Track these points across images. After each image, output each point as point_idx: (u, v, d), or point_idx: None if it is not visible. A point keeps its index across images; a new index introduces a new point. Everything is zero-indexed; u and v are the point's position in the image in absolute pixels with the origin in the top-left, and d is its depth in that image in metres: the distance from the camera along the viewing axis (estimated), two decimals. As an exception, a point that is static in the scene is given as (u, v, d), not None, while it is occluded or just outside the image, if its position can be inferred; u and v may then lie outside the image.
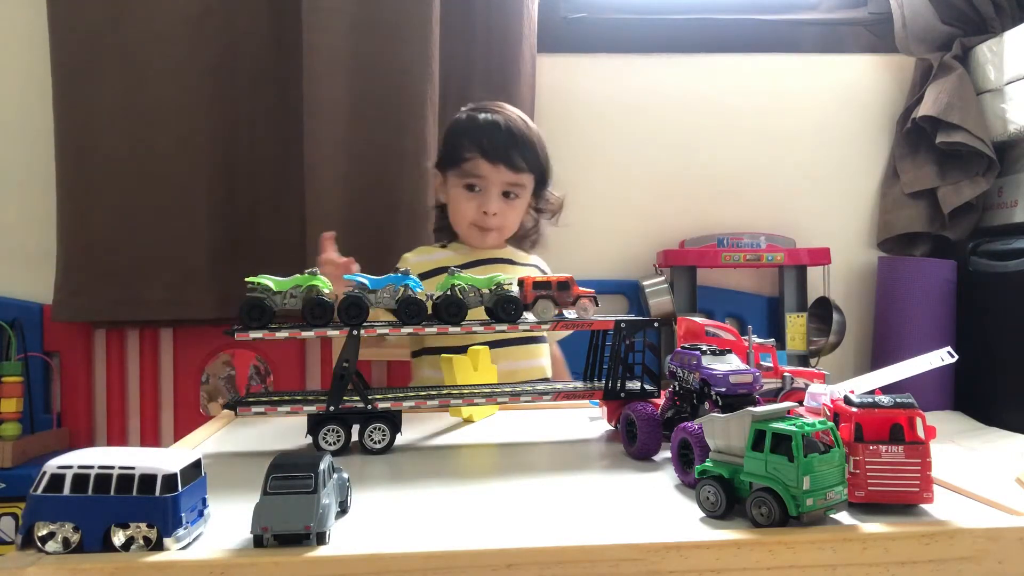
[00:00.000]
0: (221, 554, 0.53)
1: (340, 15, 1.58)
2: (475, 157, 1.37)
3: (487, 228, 1.41)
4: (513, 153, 1.37)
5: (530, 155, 1.40)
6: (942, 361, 0.81)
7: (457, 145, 1.40)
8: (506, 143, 1.37)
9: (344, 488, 0.63)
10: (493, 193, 1.38)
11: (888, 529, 0.58)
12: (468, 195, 1.40)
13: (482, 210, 1.38)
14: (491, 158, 1.36)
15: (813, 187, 1.90)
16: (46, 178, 1.61)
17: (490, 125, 1.39)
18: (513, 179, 1.39)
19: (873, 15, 1.90)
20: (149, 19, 1.59)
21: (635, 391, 0.91)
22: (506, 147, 1.37)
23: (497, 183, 1.38)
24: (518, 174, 1.39)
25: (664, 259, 1.77)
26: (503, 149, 1.37)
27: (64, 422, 1.65)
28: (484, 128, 1.38)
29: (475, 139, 1.38)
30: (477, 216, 1.40)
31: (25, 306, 1.64)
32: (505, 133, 1.38)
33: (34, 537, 0.53)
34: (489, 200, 1.38)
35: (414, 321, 0.85)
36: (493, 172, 1.37)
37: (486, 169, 1.37)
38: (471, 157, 1.37)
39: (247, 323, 0.83)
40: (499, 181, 1.38)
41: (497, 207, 1.39)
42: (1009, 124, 1.67)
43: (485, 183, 1.38)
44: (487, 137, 1.37)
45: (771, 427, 0.59)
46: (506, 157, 1.37)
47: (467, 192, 1.40)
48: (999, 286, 1.64)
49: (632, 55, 1.86)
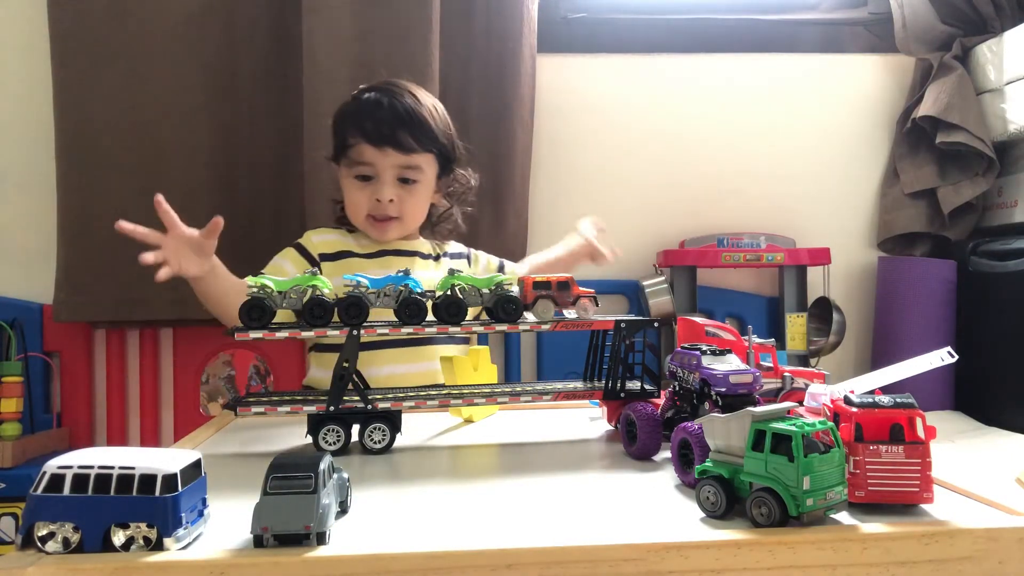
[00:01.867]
0: (221, 554, 0.53)
1: (340, 15, 1.58)
2: (359, 143, 1.25)
3: (385, 218, 1.29)
4: (400, 133, 1.24)
5: (422, 133, 1.26)
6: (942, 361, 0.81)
7: (342, 132, 1.28)
8: (391, 123, 1.24)
9: (344, 488, 0.63)
10: (386, 179, 1.26)
11: (888, 529, 0.58)
12: (359, 185, 1.28)
13: (375, 198, 1.27)
14: (376, 141, 1.24)
15: (813, 187, 1.90)
16: (46, 178, 1.61)
17: (372, 105, 1.26)
18: (405, 161, 1.26)
19: (873, 15, 1.90)
20: (149, 19, 1.60)
21: (635, 391, 0.91)
22: (391, 127, 1.24)
23: (388, 168, 1.25)
24: (409, 155, 1.26)
25: (664, 259, 1.77)
26: (388, 130, 1.24)
27: (64, 422, 1.65)
28: (366, 109, 1.26)
29: (357, 123, 1.25)
30: (371, 206, 1.28)
31: (25, 306, 1.64)
32: (389, 111, 1.24)
33: (34, 537, 0.53)
34: (382, 187, 1.26)
35: (414, 321, 0.85)
36: (380, 157, 1.25)
37: (372, 154, 1.25)
38: (355, 143, 1.25)
39: (247, 323, 0.83)
40: (389, 165, 1.25)
41: (392, 193, 1.26)
42: (1009, 124, 1.67)
43: (375, 170, 1.26)
44: (370, 119, 1.24)
45: (771, 427, 0.59)
46: (392, 138, 1.24)
47: (359, 182, 1.28)
48: (999, 286, 1.64)
49: (632, 55, 1.86)
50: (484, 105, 1.72)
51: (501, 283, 0.88)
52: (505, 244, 1.73)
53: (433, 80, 1.63)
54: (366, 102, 1.27)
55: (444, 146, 1.32)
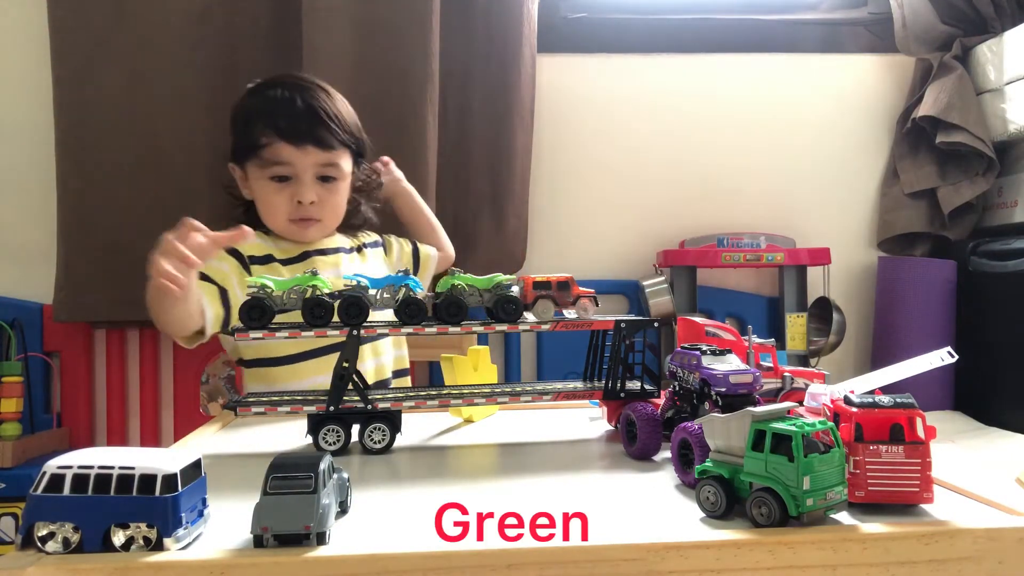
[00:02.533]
0: (221, 554, 0.53)
1: (340, 15, 1.58)
2: (274, 141, 1.18)
3: (307, 219, 1.23)
4: (319, 129, 1.19)
5: (340, 129, 1.21)
6: (942, 361, 0.81)
7: (250, 130, 1.20)
8: (308, 119, 1.19)
9: (344, 488, 0.63)
10: (306, 179, 1.20)
11: (888, 529, 0.58)
12: (277, 187, 1.21)
13: (296, 200, 1.21)
14: (294, 140, 1.18)
15: (813, 187, 1.90)
16: (46, 178, 1.61)
17: (285, 102, 1.19)
18: (325, 159, 1.21)
19: (873, 15, 1.90)
20: (149, 19, 1.60)
21: (635, 391, 0.91)
22: (309, 124, 1.19)
23: (308, 167, 1.20)
24: (329, 152, 1.21)
25: (664, 259, 1.77)
26: (306, 127, 1.18)
27: (64, 422, 1.65)
28: (279, 105, 1.19)
29: (270, 121, 1.18)
30: (292, 209, 1.22)
31: (25, 306, 1.64)
32: (304, 108, 1.19)
33: (34, 537, 0.53)
34: (303, 188, 1.20)
35: (414, 321, 0.85)
36: (300, 156, 1.19)
37: (290, 153, 1.18)
38: (269, 142, 1.18)
39: (247, 323, 0.83)
40: (310, 164, 1.20)
41: (315, 194, 1.21)
42: (1009, 124, 1.67)
43: (294, 170, 1.20)
44: (284, 117, 1.18)
45: (771, 427, 0.59)
46: (312, 135, 1.18)
47: (275, 184, 1.21)
48: (999, 286, 1.64)
49: (632, 55, 1.86)
50: (484, 105, 1.72)
51: (501, 283, 0.88)
52: (505, 244, 1.73)
53: (433, 80, 1.63)
54: (277, 98, 1.21)
55: (358, 141, 1.28)
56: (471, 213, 1.72)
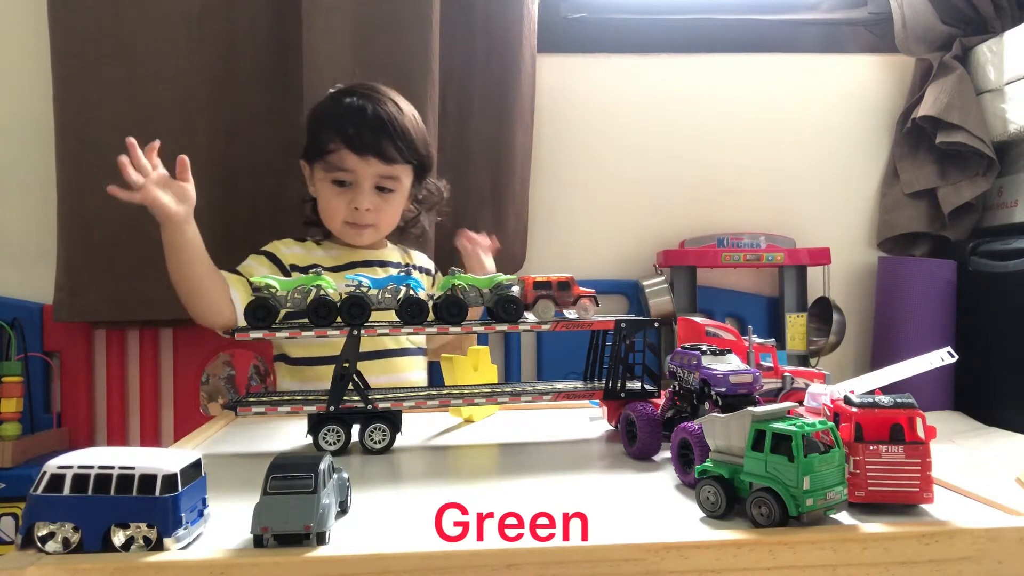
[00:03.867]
0: (221, 554, 0.53)
1: (340, 15, 1.58)
2: (340, 148, 1.23)
3: (361, 225, 1.28)
4: (384, 143, 1.23)
5: (404, 144, 1.25)
6: (942, 361, 0.81)
7: (321, 134, 1.25)
8: (375, 131, 1.22)
9: (344, 488, 0.63)
10: (365, 188, 1.25)
11: (888, 529, 0.58)
12: (337, 191, 1.26)
13: (353, 206, 1.25)
14: (358, 150, 1.22)
15: (813, 187, 1.90)
16: (46, 178, 1.61)
17: (355, 111, 1.23)
18: (386, 171, 1.25)
19: (873, 15, 1.90)
20: (149, 19, 1.59)
21: (635, 391, 0.91)
22: (375, 136, 1.22)
23: (368, 177, 1.25)
24: (391, 166, 1.25)
25: (664, 259, 1.77)
26: (372, 139, 1.22)
27: (64, 422, 1.65)
28: (349, 115, 1.23)
29: (339, 128, 1.22)
30: (349, 213, 1.26)
31: (25, 306, 1.64)
32: (373, 120, 1.22)
33: (34, 537, 0.53)
34: (361, 196, 1.24)
35: (415, 321, 0.85)
36: (362, 165, 1.23)
37: (354, 162, 1.23)
38: (335, 149, 1.23)
39: (253, 323, 0.83)
40: (370, 174, 1.24)
41: (370, 202, 1.25)
42: (1009, 124, 1.67)
43: (355, 177, 1.24)
44: (352, 125, 1.22)
45: (771, 427, 0.59)
46: (376, 148, 1.22)
47: (336, 188, 1.26)
48: (999, 286, 1.64)
49: (632, 55, 1.86)
50: (484, 105, 1.72)
51: (501, 283, 0.88)
52: (505, 244, 1.72)
53: (433, 80, 1.62)
54: (348, 107, 1.25)
55: (423, 157, 1.31)
56: (471, 213, 1.72)
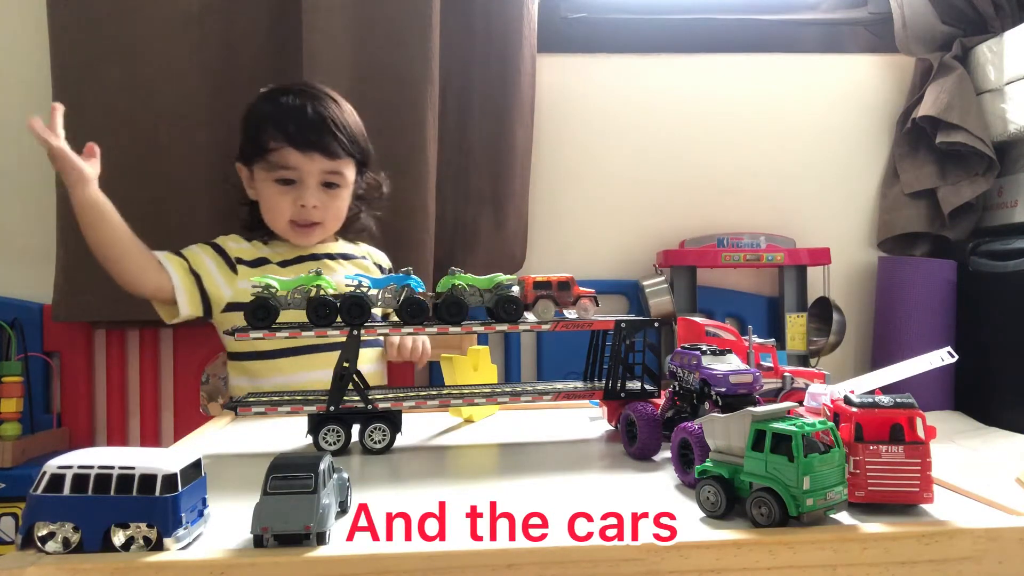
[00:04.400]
0: (221, 554, 0.53)
1: (340, 15, 1.58)
2: (282, 147, 1.23)
3: (309, 223, 1.28)
4: (326, 138, 1.23)
5: (346, 139, 1.26)
6: (942, 361, 0.81)
7: (260, 134, 1.25)
8: (317, 128, 1.23)
9: (344, 488, 0.63)
10: (310, 185, 1.25)
11: (888, 529, 0.58)
12: (281, 189, 1.26)
13: (299, 203, 1.26)
14: (301, 147, 1.22)
15: (813, 187, 1.90)
16: (46, 178, 1.61)
17: (295, 109, 1.24)
18: (330, 167, 1.26)
19: (873, 15, 1.90)
20: (149, 19, 1.59)
21: (635, 391, 0.91)
22: (318, 132, 1.23)
23: (313, 173, 1.25)
24: (335, 161, 1.25)
25: (664, 259, 1.77)
26: (314, 135, 1.23)
27: (64, 422, 1.65)
28: (289, 112, 1.24)
29: (280, 126, 1.23)
30: (295, 212, 1.26)
31: (25, 306, 1.64)
32: (314, 116, 1.23)
33: (34, 537, 0.53)
34: (306, 193, 1.25)
35: (415, 321, 0.85)
36: (306, 162, 1.23)
37: (297, 159, 1.23)
38: (277, 147, 1.23)
39: (253, 323, 0.83)
40: (315, 171, 1.25)
41: (317, 199, 1.26)
42: (1009, 124, 1.67)
43: (299, 174, 1.25)
44: (294, 123, 1.23)
45: (771, 427, 0.59)
46: (319, 144, 1.23)
47: (280, 187, 1.26)
48: (999, 286, 1.64)
49: (632, 55, 1.86)
50: (484, 105, 1.72)
51: (501, 283, 0.88)
52: (505, 244, 1.73)
53: (433, 80, 1.63)
54: (288, 106, 1.25)
55: (363, 151, 1.32)
56: (471, 213, 1.72)
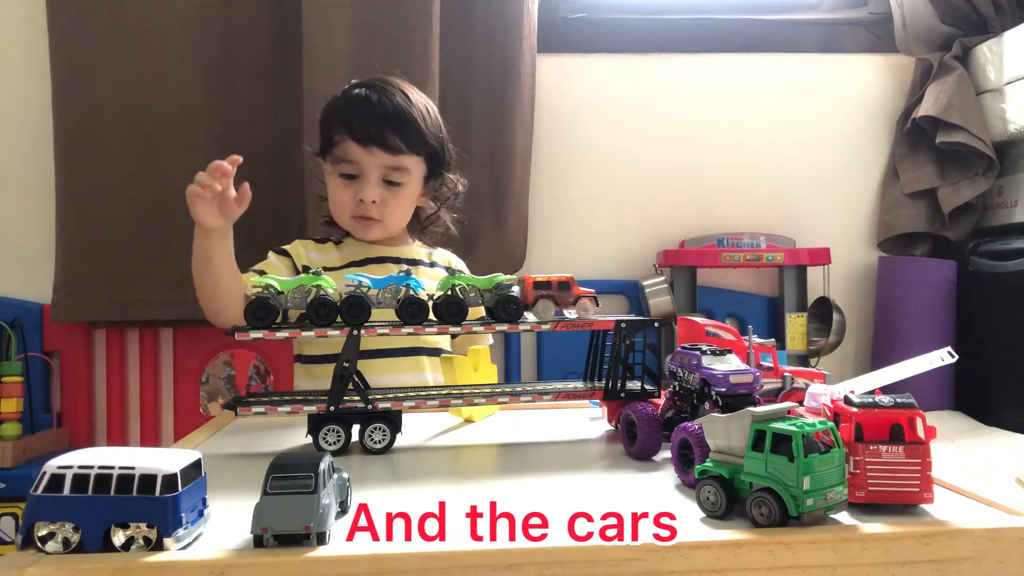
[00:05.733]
0: (221, 554, 0.53)
1: (340, 15, 1.58)
2: (344, 140, 1.22)
3: (367, 218, 1.26)
4: (388, 133, 1.21)
5: (412, 134, 1.23)
6: (942, 361, 0.81)
7: (329, 127, 1.25)
8: (379, 121, 1.21)
9: (344, 488, 0.63)
10: (371, 179, 1.23)
11: (888, 529, 0.58)
12: (344, 183, 1.25)
13: (358, 198, 1.24)
14: (362, 140, 1.21)
15: (813, 187, 1.90)
16: (46, 178, 1.61)
17: (361, 101, 1.23)
18: (392, 162, 1.23)
19: (873, 15, 1.90)
20: (149, 19, 1.60)
21: (635, 391, 0.91)
22: (379, 126, 1.21)
23: (374, 168, 1.23)
24: (396, 156, 1.23)
25: (664, 259, 1.77)
26: (375, 129, 1.21)
27: (64, 422, 1.65)
28: (354, 105, 1.23)
29: (345, 119, 1.22)
30: (355, 206, 1.25)
31: (25, 306, 1.64)
32: (378, 109, 1.21)
33: (34, 537, 0.53)
34: (366, 187, 1.23)
35: (415, 321, 0.85)
36: (366, 156, 1.22)
37: (357, 153, 1.22)
38: (340, 140, 1.23)
39: (253, 323, 0.83)
40: (376, 165, 1.23)
41: (375, 194, 1.23)
42: (1009, 124, 1.67)
43: (359, 168, 1.23)
44: (357, 116, 1.21)
45: (771, 427, 0.59)
46: (379, 138, 1.21)
47: (343, 180, 1.25)
48: (999, 286, 1.64)
49: (632, 55, 1.86)
50: (484, 105, 1.72)
51: (501, 283, 0.88)
52: (505, 244, 1.73)
53: (433, 80, 1.62)
54: (355, 98, 1.24)
55: (434, 148, 1.28)
56: (471, 213, 1.72)
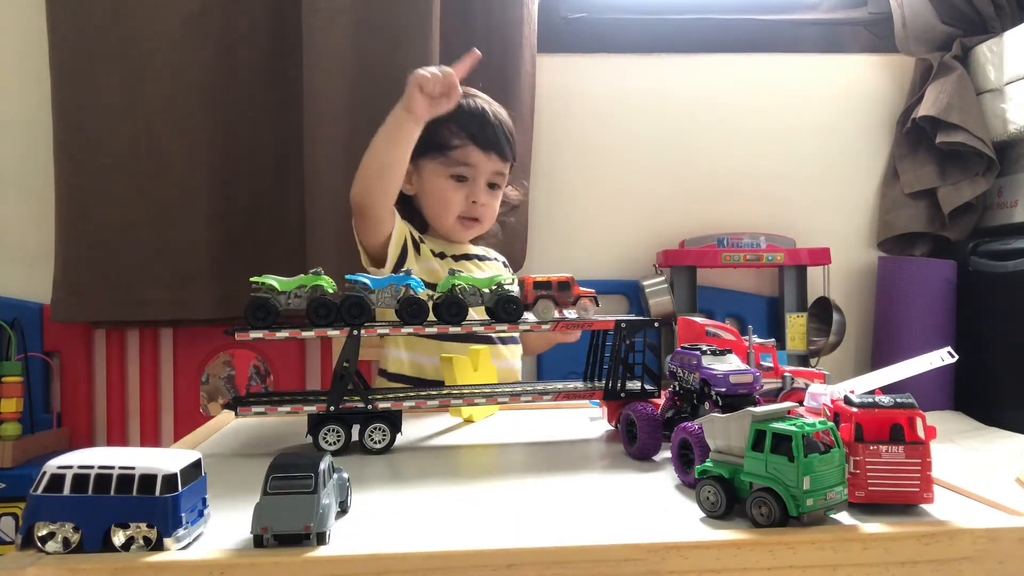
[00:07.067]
0: (221, 554, 0.53)
1: (340, 15, 1.58)
2: (466, 144, 1.33)
3: (473, 219, 1.37)
4: (503, 141, 1.35)
5: (512, 144, 1.38)
6: (942, 361, 0.81)
7: (440, 131, 1.33)
8: (497, 130, 1.35)
9: (344, 488, 0.63)
10: (481, 183, 1.35)
11: (888, 529, 0.58)
12: (455, 185, 1.35)
13: (471, 199, 1.35)
14: (484, 146, 1.33)
15: (813, 187, 1.90)
16: (46, 178, 1.61)
17: (478, 111, 1.35)
18: (500, 168, 1.37)
19: (873, 15, 1.90)
20: (148, 19, 1.59)
21: (635, 391, 0.91)
22: (497, 134, 1.34)
23: (486, 172, 1.35)
24: (505, 163, 1.37)
25: (664, 259, 1.77)
26: (494, 136, 1.34)
27: (64, 422, 1.65)
28: (473, 114, 1.34)
29: (464, 126, 1.33)
30: (466, 207, 1.35)
31: (25, 306, 1.64)
32: (495, 119, 1.35)
33: (34, 537, 0.53)
34: (478, 190, 1.35)
35: (415, 321, 0.85)
36: (484, 161, 1.34)
37: (477, 157, 1.33)
38: (461, 144, 1.33)
39: (253, 323, 0.83)
40: (488, 170, 1.35)
41: (485, 197, 1.36)
42: (1009, 124, 1.67)
43: (475, 172, 1.34)
44: (477, 124, 1.33)
45: (771, 427, 0.59)
46: (497, 145, 1.34)
47: (454, 182, 1.35)
48: (999, 286, 1.64)
49: (632, 55, 1.86)
50: (484, 105, 1.73)
51: (501, 283, 0.88)
52: (505, 244, 1.72)
53: (433, 80, 1.62)
54: (470, 107, 1.34)
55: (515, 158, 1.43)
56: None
